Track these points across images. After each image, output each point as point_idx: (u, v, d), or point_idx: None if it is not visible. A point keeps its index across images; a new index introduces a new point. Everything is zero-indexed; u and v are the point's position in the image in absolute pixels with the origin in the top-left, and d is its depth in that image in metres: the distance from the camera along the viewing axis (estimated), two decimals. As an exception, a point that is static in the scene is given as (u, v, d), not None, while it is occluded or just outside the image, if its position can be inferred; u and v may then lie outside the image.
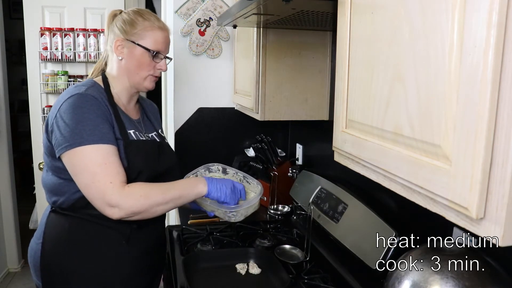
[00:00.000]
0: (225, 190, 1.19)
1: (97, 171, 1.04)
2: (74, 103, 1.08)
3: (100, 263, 1.14)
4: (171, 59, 1.29)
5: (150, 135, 1.28)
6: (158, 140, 1.29)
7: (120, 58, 1.21)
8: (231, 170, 1.44)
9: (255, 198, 1.27)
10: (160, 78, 1.28)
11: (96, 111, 1.08)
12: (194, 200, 1.35)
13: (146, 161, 1.17)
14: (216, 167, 1.47)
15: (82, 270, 1.13)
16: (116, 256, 1.16)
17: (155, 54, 1.20)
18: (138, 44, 1.18)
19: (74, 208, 1.13)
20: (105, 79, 1.22)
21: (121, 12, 1.24)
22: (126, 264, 1.17)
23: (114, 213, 1.05)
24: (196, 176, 1.41)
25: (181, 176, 1.37)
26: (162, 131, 1.41)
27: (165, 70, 1.25)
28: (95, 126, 1.06)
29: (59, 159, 1.09)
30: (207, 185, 1.18)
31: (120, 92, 1.23)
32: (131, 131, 1.18)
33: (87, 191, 1.06)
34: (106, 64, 1.28)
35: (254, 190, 1.36)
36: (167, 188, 1.13)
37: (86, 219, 1.12)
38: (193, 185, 1.18)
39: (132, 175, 1.12)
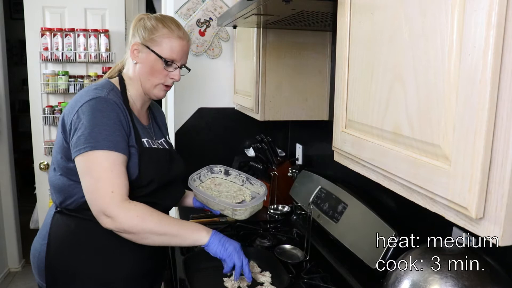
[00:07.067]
0: (228, 247, 1.11)
1: (101, 177, 1.03)
2: (96, 106, 1.07)
3: (104, 264, 1.15)
4: (189, 69, 1.27)
5: (159, 141, 1.29)
6: (167, 147, 1.30)
7: (135, 62, 1.21)
8: (233, 172, 1.45)
9: (261, 197, 1.31)
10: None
11: (114, 118, 1.08)
12: (198, 198, 1.36)
13: (158, 170, 1.17)
14: (219, 168, 1.48)
15: (86, 271, 1.14)
16: (120, 257, 1.16)
17: (168, 63, 1.18)
18: (152, 51, 1.17)
19: (81, 209, 1.13)
20: (121, 81, 1.22)
21: (148, 17, 1.22)
22: (129, 265, 1.18)
23: (106, 223, 1.04)
24: (199, 177, 1.43)
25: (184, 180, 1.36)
26: (169, 137, 1.41)
27: (178, 80, 1.23)
28: (111, 132, 1.06)
29: (73, 160, 1.09)
30: (210, 235, 1.11)
31: (135, 96, 1.23)
32: (144, 139, 1.19)
33: (88, 195, 1.06)
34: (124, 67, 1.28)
35: (257, 190, 1.39)
36: (167, 222, 1.08)
37: (92, 220, 1.11)
38: (195, 229, 1.11)
39: (143, 183, 1.13)
